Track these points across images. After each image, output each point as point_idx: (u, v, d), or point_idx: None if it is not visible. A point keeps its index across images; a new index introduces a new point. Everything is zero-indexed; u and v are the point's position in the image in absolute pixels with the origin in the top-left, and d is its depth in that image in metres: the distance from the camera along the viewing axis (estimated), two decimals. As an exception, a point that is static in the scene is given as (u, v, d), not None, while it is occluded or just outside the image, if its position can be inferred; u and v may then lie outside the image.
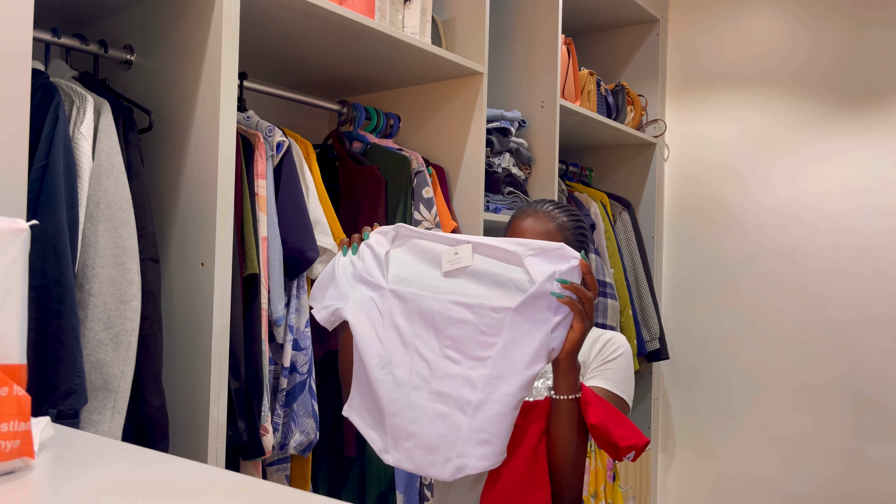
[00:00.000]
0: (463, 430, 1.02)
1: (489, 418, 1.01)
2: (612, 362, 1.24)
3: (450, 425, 1.02)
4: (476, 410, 1.01)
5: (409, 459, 1.05)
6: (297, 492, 0.65)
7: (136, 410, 1.18)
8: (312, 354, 1.53)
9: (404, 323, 1.08)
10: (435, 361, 1.05)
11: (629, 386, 1.25)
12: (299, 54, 1.75)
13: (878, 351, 2.46)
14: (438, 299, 1.06)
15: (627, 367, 1.26)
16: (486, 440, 1.01)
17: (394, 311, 1.09)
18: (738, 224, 2.74)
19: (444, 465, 1.02)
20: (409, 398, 1.05)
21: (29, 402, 0.65)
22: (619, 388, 1.22)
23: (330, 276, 1.16)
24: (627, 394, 1.24)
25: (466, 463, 1.01)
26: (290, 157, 1.52)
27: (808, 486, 2.57)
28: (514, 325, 1.01)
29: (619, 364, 1.24)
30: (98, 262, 1.14)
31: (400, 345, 1.07)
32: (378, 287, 1.11)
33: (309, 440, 1.49)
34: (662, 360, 2.80)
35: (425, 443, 1.03)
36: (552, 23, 2.22)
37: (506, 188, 2.13)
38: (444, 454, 1.02)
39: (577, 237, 1.29)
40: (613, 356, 1.24)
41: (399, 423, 1.06)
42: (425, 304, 1.06)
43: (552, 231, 1.26)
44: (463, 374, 1.03)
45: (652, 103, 2.89)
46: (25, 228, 0.69)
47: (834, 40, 2.57)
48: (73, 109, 1.17)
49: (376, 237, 1.15)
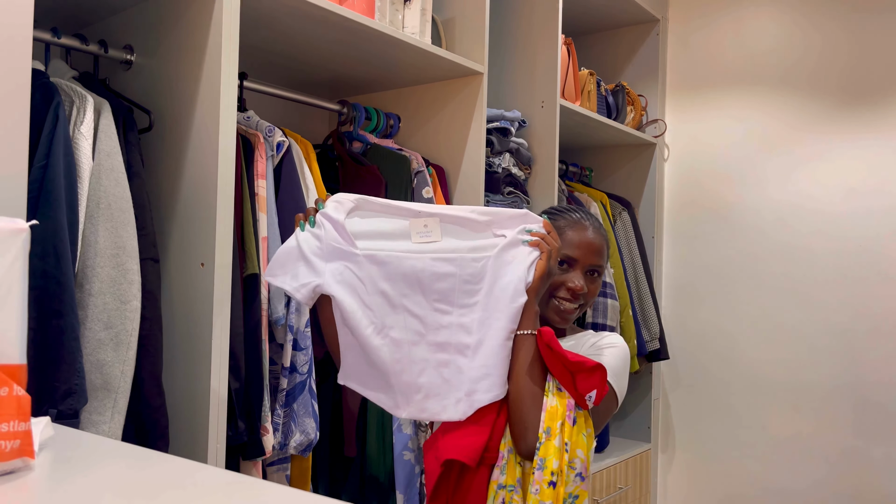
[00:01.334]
0: (466, 371, 1.11)
1: (487, 354, 1.11)
2: (605, 350, 1.24)
3: (453, 369, 1.12)
4: (475, 351, 1.12)
5: (421, 410, 1.13)
6: (297, 492, 0.65)
7: (136, 410, 1.18)
8: (312, 354, 1.53)
9: (388, 286, 1.12)
10: (426, 316, 1.12)
11: (621, 379, 1.24)
12: (299, 54, 1.75)
13: (878, 351, 2.46)
14: (420, 258, 1.12)
15: (620, 360, 1.25)
16: (488, 374, 1.11)
17: (374, 276, 1.12)
18: (739, 224, 2.74)
19: (457, 406, 1.11)
20: (411, 354, 1.12)
21: (29, 402, 0.65)
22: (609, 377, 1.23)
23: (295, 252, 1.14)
24: (618, 386, 1.23)
25: (475, 398, 1.11)
26: (290, 157, 1.52)
27: (808, 486, 2.57)
28: (495, 270, 1.12)
29: (611, 354, 1.24)
30: (98, 262, 1.14)
31: (389, 307, 1.12)
32: (351, 255, 1.12)
33: (309, 440, 1.49)
34: (662, 360, 2.80)
35: (434, 390, 1.12)
36: (552, 23, 2.22)
37: (506, 188, 2.13)
38: (454, 396, 1.11)
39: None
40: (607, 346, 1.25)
41: (407, 380, 1.12)
42: (407, 264, 1.12)
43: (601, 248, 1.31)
44: (456, 322, 1.12)
45: (652, 103, 2.89)
46: (25, 228, 0.69)
47: (834, 40, 2.57)
48: (73, 109, 1.17)
49: (333, 205, 1.15)
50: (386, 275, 1.12)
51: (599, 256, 1.30)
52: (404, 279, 1.12)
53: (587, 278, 1.29)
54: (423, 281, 1.12)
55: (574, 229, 1.30)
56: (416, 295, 1.12)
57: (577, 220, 1.31)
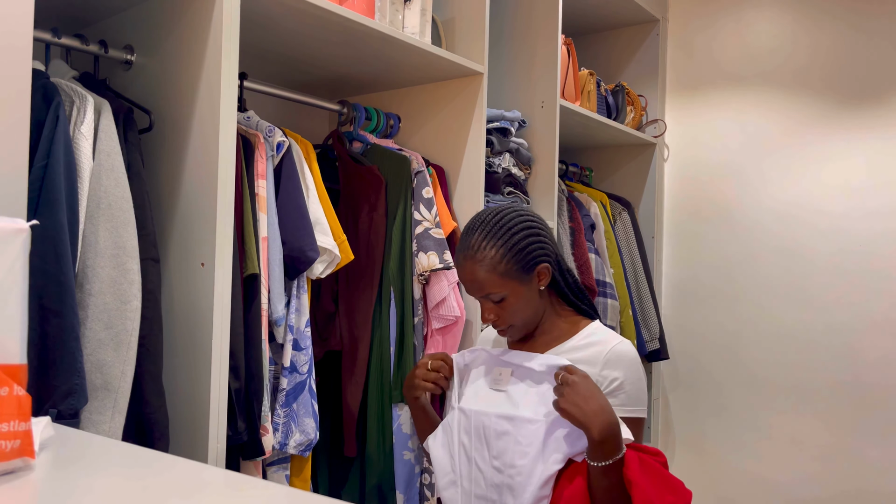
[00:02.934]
0: None
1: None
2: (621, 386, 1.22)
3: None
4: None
5: None
6: (297, 492, 0.65)
7: (136, 410, 1.18)
8: (312, 354, 1.53)
9: (466, 439, 1.25)
10: (487, 471, 1.21)
11: (641, 400, 1.23)
12: (299, 54, 1.75)
13: (878, 351, 2.46)
14: (488, 414, 1.22)
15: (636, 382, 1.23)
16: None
17: (460, 428, 1.26)
18: (739, 224, 2.74)
19: None
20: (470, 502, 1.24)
21: (29, 401, 0.66)
22: (632, 411, 1.21)
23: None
24: (641, 409, 1.23)
25: None
26: (290, 158, 1.52)
27: (808, 486, 2.57)
28: (546, 435, 1.17)
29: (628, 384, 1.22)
30: (98, 262, 1.14)
31: (466, 458, 1.25)
32: (452, 408, 1.30)
33: (309, 440, 1.49)
34: (662, 360, 2.80)
35: None
36: (552, 23, 2.22)
37: (506, 188, 2.13)
38: None
39: (521, 260, 1.22)
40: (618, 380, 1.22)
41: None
42: (479, 420, 1.23)
43: (483, 279, 1.22)
44: (507, 483, 1.18)
45: (652, 103, 2.89)
46: (25, 228, 0.69)
47: (834, 40, 2.57)
48: (73, 109, 1.17)
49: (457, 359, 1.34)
50: (467, 427, 1.25)
51: (479, 289, 1.22)
52: (476, 433, 1.23)
53: (493, 306, 1.25)
54: (488, 437, 1.21)
55: (458, 266, 1.26)
56: (484, 450, 1.22)
57: (459, 254, 1.26)
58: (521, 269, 1.22)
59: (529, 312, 1.27)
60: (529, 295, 1.25)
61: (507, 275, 1.21)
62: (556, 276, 1.30)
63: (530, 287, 1.25)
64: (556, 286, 1.33)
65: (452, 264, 1.73)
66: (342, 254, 1.57)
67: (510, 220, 1.24)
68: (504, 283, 1.21)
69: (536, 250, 1.24)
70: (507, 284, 1.22)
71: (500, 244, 1.21)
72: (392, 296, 1.71)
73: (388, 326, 1.70)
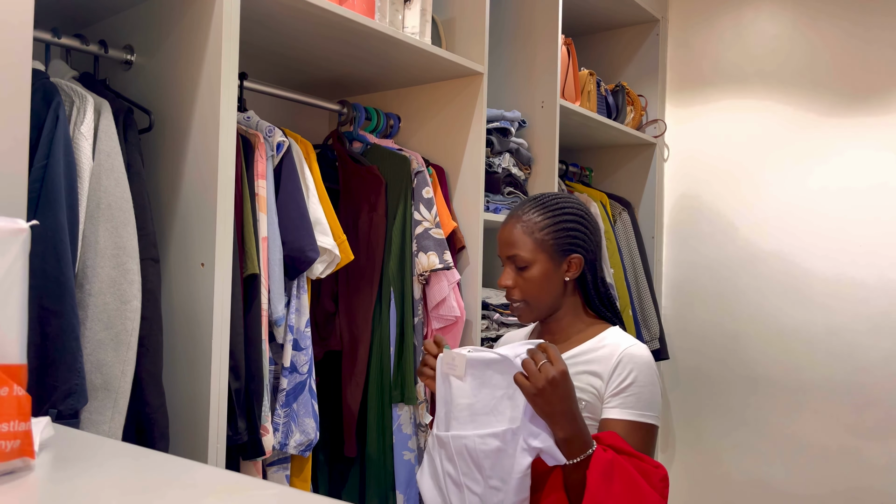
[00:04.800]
0: None
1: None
2: (630, 387, 1.18)
3: None
4: None
5: None
6: (297, 492, 0.65)
7: (136, 410, 1.18)
8: (312, 354, 1.53)
9: (450, 467, 1.15)
10: (483, 493, 1.12)
11: (653, 406, 1.19)
12: (299, 54, 1.75)
13: (877, 351, 2.46)
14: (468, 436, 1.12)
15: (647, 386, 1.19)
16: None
17: (442, 458, 1.17)
18: (739, 224, 2.74)
19: None
20: None
21: (29, 402, 0.65)
22: (641, 415, 1.17)
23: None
24: (650, 415, 1.18)
25: None
26: (290, 158, 1.52)
27: (808, 486, 2.57)
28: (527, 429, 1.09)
29: (637, 387, 1.18)
30: (98, 262, 1.14)
31: (455, 487, 1.15)
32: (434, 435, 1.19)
33: (309, 440, 1.49)
34: (662, 360, 2.80)
35: None
36: (552, 23, 2.22)
37: (506, 188, 2.13)
38: None
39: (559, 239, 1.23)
40: (627, 380, 1.19)
41: None
42: (460, 444, 1.13)
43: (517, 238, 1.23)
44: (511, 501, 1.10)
45: (652, 103, 2.89)
46: (25, 228, 0.69)
47: (834, 40, 2.57)
48: (73, 110, 1.17)
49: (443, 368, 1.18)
50: (448, 455, 1.15)
51: (510, 246, 1.23)
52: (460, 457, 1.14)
53: (515, 273, 1.24)
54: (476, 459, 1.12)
55: (501, 227, 1.28)
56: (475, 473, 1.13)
57: (507, 217, 1.29)
58: (555, 248, 1.23)
59: (546, 296, 1.25)
60: (553, 278, 1.24)
61: (541, 245, 1.23)
62: (586, 275, 1.28)
63: (557, 271, 1.24)
64: (585, 288, 1.30)
65: (452, 264, 1.73)
66: (342, 254, 1.57)
67: (567, 204, 1.27)
68: (535, 251, 1.23)
69: (577, 238, 1.25)
70: (537, 254, 1.23)
71: (547, 216, 1.24)
72: (392, 296, 1.71)
73: (388, 326, 1.70)
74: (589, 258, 1.28)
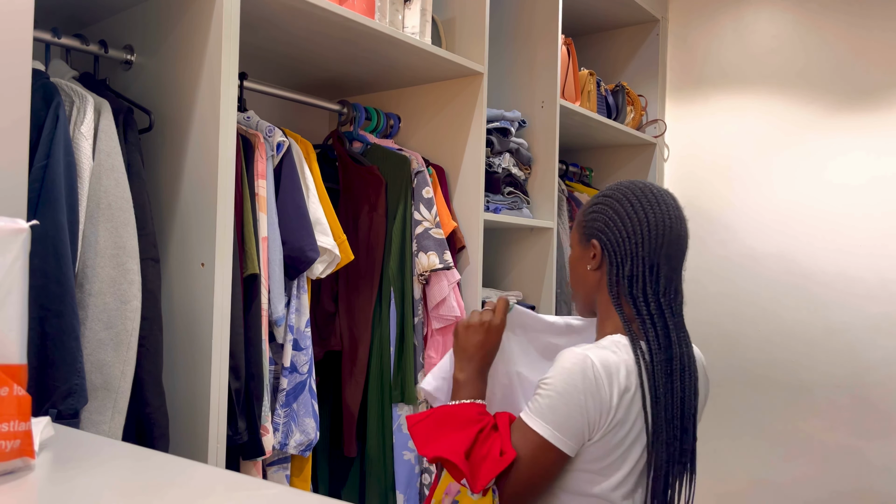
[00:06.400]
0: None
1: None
2: (539, 385, 1.08)
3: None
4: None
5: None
6: (297, 492, 0.65)
7: (136, 410, 1.18)
8: (312, 354, 1.53)
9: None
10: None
11: (548, 415, 1.03)
12: (299, 54, 1.75)
13: (878, 351, 2.46)
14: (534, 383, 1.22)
15: (555, 395, 1.03)
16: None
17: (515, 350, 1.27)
18: (738, 224, 2.74)
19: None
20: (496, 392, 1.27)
21: (29, 402, 0.66)
22: (529, 416, 1.05)
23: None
24: (543, 424, 1.03)
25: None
26: (290, 158, 1.52)
27: (808, 486, 2.56)
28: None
29: (545, 387, 1.06)
30: (98, 262, 1.14)
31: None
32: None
33: (309, 440, 1.49)
34: (662, 360, 2.80)
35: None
36: (552, 23, 2.22)
37: (506, 188, 2.13)
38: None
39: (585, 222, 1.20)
40: (545, 378, 1.07)
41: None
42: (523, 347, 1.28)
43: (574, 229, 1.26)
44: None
45: (652, 103, 2.89)
46: (25, 228, 0.69)
47: (834, 40, 2.57)
48: (73, 109, 1.17)
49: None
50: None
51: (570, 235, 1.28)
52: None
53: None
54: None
55: None
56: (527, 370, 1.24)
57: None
58: (582, 232, 1.21)
59: (577, 286, 1.24)
60: (578, 266, 1.22)
61: (577, 227, 1.23)
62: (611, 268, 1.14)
63: (582, 257, 1.21)
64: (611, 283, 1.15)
65: (452, 264, 1.73)
66: (342, 254, 1.57)
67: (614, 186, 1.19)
68: (574, 235, 1.24)
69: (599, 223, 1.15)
70: (575, 238, 1.24)
71: (594, 199, 1.20)
72: (392, 296, 1.71)
73: (389, 326, 1.70)
74: (610, 248, 1.13)
